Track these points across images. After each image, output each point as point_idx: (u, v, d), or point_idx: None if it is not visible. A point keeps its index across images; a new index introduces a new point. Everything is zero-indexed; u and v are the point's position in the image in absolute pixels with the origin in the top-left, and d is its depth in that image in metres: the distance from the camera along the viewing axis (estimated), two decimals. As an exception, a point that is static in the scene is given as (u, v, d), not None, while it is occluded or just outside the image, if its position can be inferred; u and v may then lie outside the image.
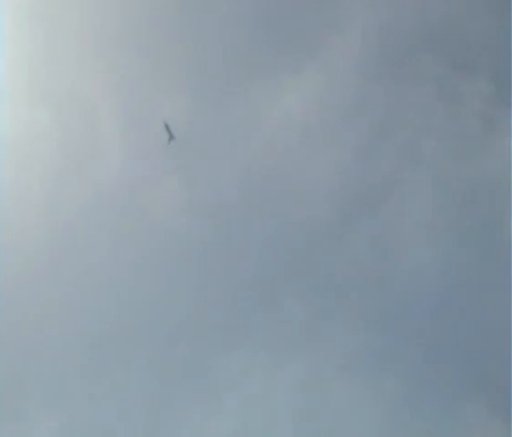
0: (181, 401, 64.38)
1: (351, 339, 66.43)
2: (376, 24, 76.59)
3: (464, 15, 76.28)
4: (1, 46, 72.78)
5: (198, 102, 75.15)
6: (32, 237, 69.69)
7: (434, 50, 76.48)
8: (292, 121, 75.54)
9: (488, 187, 70.90)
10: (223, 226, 71.60)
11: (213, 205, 72.26)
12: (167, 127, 72.42)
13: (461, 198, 71.75)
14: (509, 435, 60.13)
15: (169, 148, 72.16)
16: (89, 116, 75.03)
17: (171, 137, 72.70)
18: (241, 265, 69.82)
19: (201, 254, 70.59)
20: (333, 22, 76.88)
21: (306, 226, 71.25)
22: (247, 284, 68.98)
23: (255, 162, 73.52)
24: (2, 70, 72.72)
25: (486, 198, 70.93)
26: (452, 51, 76.58)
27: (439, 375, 65.01)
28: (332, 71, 75.86)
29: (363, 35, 76.35)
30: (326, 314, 67.64)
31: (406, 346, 66.23)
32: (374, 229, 71.27)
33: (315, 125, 75.18)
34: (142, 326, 67.31)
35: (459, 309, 67.47)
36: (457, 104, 75.34)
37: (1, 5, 73.91)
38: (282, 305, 67.97)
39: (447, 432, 62.59)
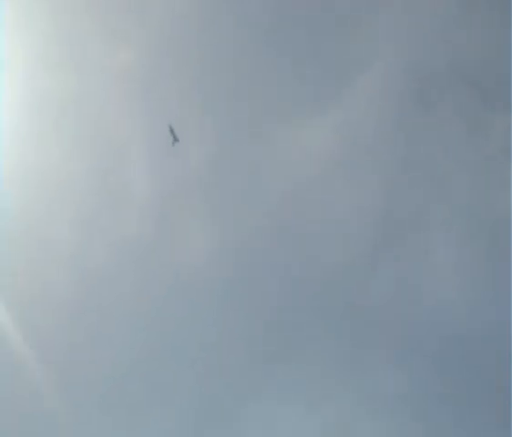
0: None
1: (377, 382, 65.89)
2: (400, 62, 75.60)
3: (488, 49, 74.78)
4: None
5: (222, 141, 75.69)
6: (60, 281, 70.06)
7: (458, 87, 75.56)
8: (316, 160, 74.67)
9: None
10: (246, 265, 70.96)
11: (236, 244, 71.76)
12: (171, 130, 71.96)
13: (488, 236, 70.17)
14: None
15: (191, 186, 73.10)
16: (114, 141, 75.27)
17: (175, 139, 72.38)
18: (266, 307, 69.21)
19: (226, 296, 70.09)
20: (357, 60, 75.92)
21: (330, 267, 70.15)
22: (272, 327, 68.47)
23: (279, 201, 73.38)
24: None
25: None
26: (478, 86, 75.21)
27: (469, 417, 64.59)
28: (356, 109, 75.02)
29: (387, 73, 75.27)
30: (353, 357, 66.98)
31: (433, 388, 65.69)
32: (399, 269, 70.36)
33: (340, 163, 74.32)
34: (167, 367, 67.45)
35: (486, 349, 66.13)
36: (484, 139, 74.06)
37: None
38: (309, 349, 67.37)
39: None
